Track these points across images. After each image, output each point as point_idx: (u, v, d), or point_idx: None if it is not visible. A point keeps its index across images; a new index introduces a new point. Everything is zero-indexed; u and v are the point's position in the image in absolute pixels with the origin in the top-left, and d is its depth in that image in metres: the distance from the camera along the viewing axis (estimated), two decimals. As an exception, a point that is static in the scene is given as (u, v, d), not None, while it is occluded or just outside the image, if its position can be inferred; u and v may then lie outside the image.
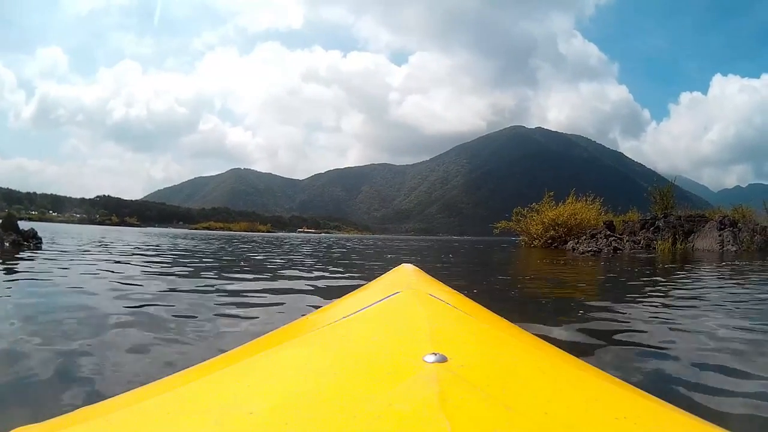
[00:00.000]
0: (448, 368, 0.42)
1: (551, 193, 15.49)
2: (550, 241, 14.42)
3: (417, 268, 1.27)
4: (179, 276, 3.79)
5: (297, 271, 4.58)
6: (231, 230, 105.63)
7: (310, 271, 4.59)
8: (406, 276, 1.13)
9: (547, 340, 0.81)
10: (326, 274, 4.39)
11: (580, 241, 12.28)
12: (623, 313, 2.35)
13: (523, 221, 15.97)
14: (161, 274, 3.95)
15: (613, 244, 11.45)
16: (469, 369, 0.42)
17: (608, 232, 12.51)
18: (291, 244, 13.27)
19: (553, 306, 2.87)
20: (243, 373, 0.50)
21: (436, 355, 0.43)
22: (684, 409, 0.45)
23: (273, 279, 3.89)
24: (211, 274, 4.09)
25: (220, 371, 0.54)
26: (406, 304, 0.75)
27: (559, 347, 0.73)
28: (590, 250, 10.50)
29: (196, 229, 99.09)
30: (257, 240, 17.92)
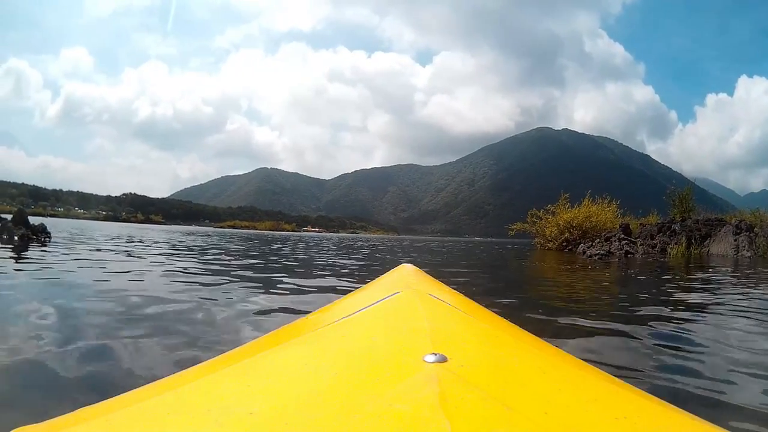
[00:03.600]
0: (448, 368, 0.42)
1: (566, 195, 15.29)
2: (564, 243, 14.20)
3: (417, 268, 1.28)
4: (173, 272, 3.83)
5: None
6: (256, 229, 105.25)
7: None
8: (406, 276, 1.13)
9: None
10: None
11: (593, 244, 12.06)
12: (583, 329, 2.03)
13: (538, 223, 15.78)
14: (144, 268, 4.02)
15: (626, 247, 11.22)
16: (469, 369, 0.42)
17: (622, 236, 12.26)
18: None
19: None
20: (243, 373, 0.50)
21: (436, 355, 0.43)
22: (684, 409, 0.45)
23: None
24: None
25: (220, 371, 0.54)
26: (406, 304, 0.75)
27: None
28: (599, 254, 10.35)
29: (220, 227, 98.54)
30: (253, 239, 17.84)
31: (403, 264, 1.37)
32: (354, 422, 0.34)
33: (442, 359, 0.43)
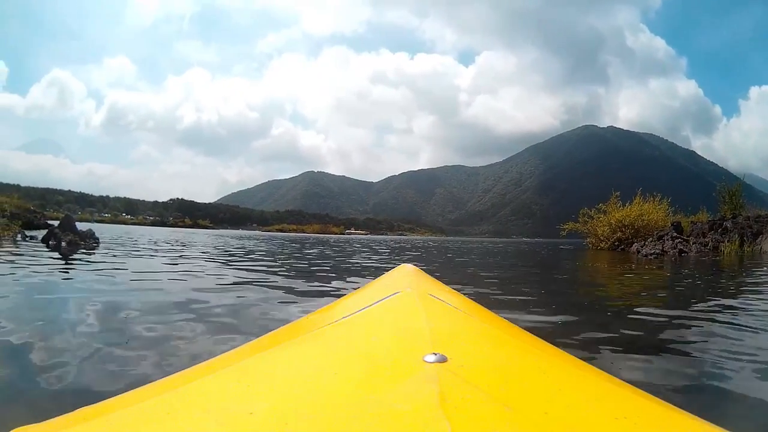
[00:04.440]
0: (448, 368, 0.42)
1: (617, 194, 15.05)
2: (616, 243, 13.97)
3: (417, 268, 1.28)
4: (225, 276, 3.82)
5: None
6: (304, 232, 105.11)
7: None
8: (406, 276, 1.13)
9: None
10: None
11: (646, 243, 11.85)
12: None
13: (590, 223, 15.53)
14: (188, 271, 4.02)
15: (679, 246, 11.04)
16: (469, 369, 0.42)
17: (675, 234, 12.02)
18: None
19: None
20: (243, 373, 0.50)
21: (436, 355, 0.44)
22: (684, 409, 0.45)
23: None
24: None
25: (220, 371, 0.54)
26: (406, 304, 0.76)
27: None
28: (654, 253, 10.15)
29: (268, 231, 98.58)
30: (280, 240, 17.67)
31: (403, 264, 1.37)
32: (354, 422, 0.34)
33: (442, 359, 0.43)
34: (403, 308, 0.73)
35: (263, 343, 0.70)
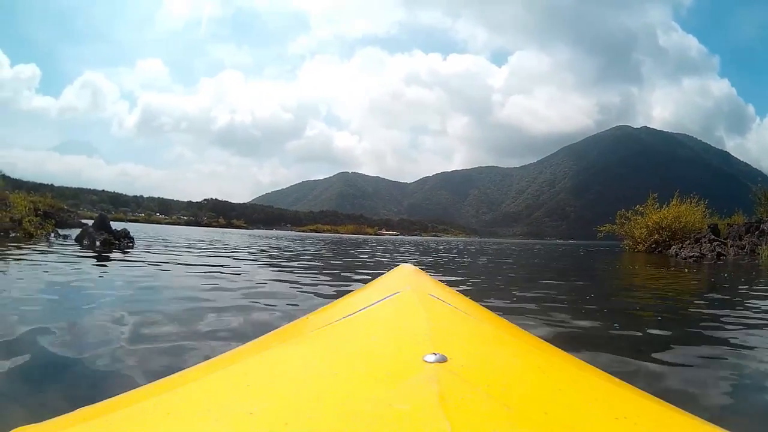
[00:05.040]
0: (448, 368, 0.42)
1: (655, 195, 14.84)
2: (653, 245, 13.78)
3: (417, 268, 1.28)
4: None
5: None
6: (338, 232, 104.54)
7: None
8: (406, 276, 1.13)
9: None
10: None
11: (683, 246, 11.63)
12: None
13: (627, 225, 15.30)
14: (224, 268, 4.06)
15: (717, 249, 10.81)
16: (469, 369, 0.42)
17: (712, 237, 11.75)
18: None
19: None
20: (243, 373, 0.50)
21: (436, 355, 0.44)
22: (684, 409, 0.45)
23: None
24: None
25: (220, 371, 0.54)
26: (406, 304, 0.76)
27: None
28: (693, 256, 9.92)
29: (302, 231, 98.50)
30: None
31: (403, 264, 1.37)
32: (354, 422, 0.34)
33: (442, 359, 0.43)
34: (403, 308, 0.73)
35: (263, 343, 0.70)
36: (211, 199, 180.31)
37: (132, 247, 6.33)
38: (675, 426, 0.42)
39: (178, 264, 4.44)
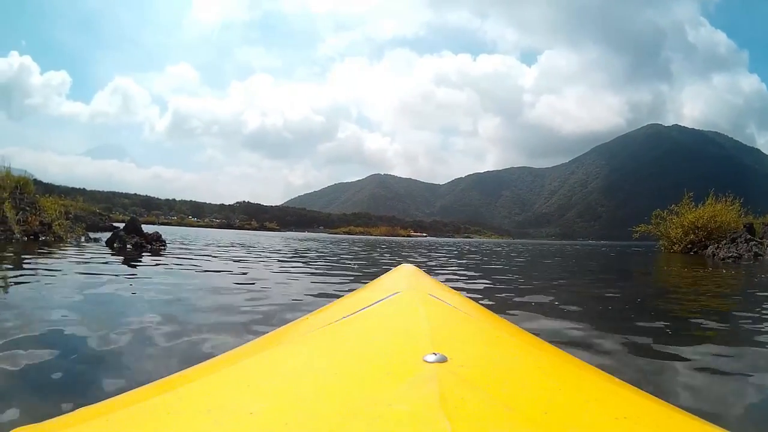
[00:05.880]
0: (448, 368, 0.42)
1: (690, 194, 14.49)
2: (689, 246, 13.48)
3: (417, 268, 1.28)
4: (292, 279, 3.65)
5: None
6: (371, 234, 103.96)
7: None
8: (406, 276, 1.13)
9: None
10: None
11: (720, 246, 11.37)
12: None
13: (663, 224, 15.03)
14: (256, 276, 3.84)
15: (754, 249, 10.58)
16: (469, 369, 0.42)
17: (748, 236, 11.46)
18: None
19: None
20: (243, 373, 0.50)
21: (436, 355, 0.44)
22: (684, 409, 0.45)
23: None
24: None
25: (220, 371, 0.54)
26: (406, 304, 0.76)
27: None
28: (731, 257, 9.74)
29: (335, 233, 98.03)
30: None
31: (403, 264, 1.37)
32: (354, 422, 0.34)
33: (442, 359, 0.43)
34: (402, 308, 0.74)
35: (263, 343, 0.70)
36: (243, 201, 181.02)
37: (164, 250, 6.26)
38: (675, 426, 0.41)
39: (207, 270, 4.21)
